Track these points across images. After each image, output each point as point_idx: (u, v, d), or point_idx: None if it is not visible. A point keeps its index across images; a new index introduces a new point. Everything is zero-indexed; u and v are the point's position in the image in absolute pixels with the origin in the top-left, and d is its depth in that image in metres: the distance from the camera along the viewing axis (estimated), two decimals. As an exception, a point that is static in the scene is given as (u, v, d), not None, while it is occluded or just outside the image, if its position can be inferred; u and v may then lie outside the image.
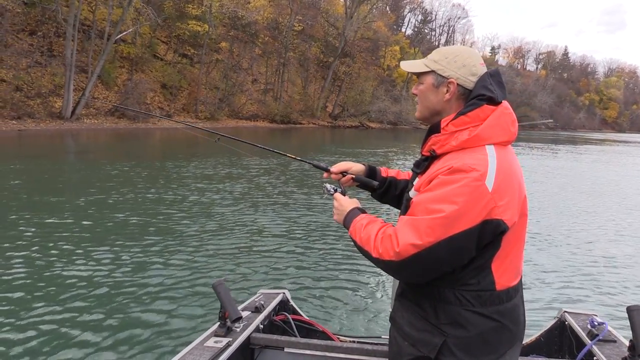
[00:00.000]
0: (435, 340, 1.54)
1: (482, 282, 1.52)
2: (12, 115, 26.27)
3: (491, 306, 1.53)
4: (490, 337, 1.54)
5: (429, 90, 1.67)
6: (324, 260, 6.60)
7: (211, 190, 11.40)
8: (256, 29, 45.66)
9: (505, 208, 1.46)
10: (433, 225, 1.43)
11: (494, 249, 1.51)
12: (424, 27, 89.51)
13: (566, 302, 5.52)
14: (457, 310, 1.53)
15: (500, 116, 1.58)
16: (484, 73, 1.64)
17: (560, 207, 12.04)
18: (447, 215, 1.41)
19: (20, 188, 10.46)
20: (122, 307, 4.77)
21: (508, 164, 1.52)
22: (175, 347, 3.98)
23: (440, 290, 1.54)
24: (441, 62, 1.65)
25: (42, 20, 31.59)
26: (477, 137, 1.53)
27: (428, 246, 1.43)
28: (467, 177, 1.43)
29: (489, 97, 1.57)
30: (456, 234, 1.42)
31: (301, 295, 5.29)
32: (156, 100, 37.80)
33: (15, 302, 4.78)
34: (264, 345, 2.46)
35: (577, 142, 52.41)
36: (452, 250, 1.44)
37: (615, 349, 2.36)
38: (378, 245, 1.53)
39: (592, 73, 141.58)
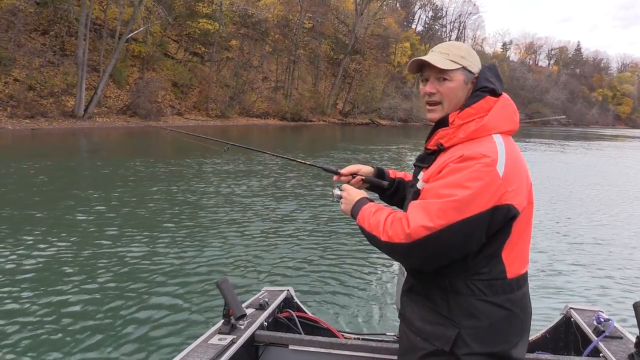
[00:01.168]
0: (449, 333, 1.53)
1: (493, 270, 1.53)
2: (26, 114, 26.52)
3: (503, 295, 1.54)
4: (502, 327, 1.54)
5: (459, 87, 1.65)
6: (328, 257, 6.60)
7: (216, 187, 11.44)
8: (266, 27, 45.67)
9: (515, 193, 1.48)
10: (445, 208, 1.43)
11: (505, 236, 1.52)
12: (435, 24, 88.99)
13: (572, 298, 5.48)
14: (469, 300, 1.52)
15: (503, 107, 1.62)
16: (484, 66, 1.69)
17: (567, 202, 11.95)
18: (460, 199, 1.43)
19: (42, 185, 10.57)
20: (126, 304, 4.78)
21: (515, 152, 1.56)
22: (179, 345, 3.99)
23: (452, 281, 1.55)
24: (468, 57, 1.66)
25: (54, 19, 31.82)
26: (484, 127, 1.56)
27: (439, 229, 1.43)
28: (479, 162, 1.46)
29: (491, 89, 1.62)
30: (468, 217, 1.43)
31: (305, 292, 5.28)
32: (167, 98, 37.97)
33: (16, 294, 4.83)
34: (269, 342, 2.46)
35: (589, 138, 51.90)
36: (463, 235, 1.45)
37: (621, 345, 2.34)
38: (388, 229, 1.52)
39: (605, 68, 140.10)
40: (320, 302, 5.08)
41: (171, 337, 4.19)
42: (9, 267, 5.64)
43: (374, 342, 2.44)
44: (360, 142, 28.99)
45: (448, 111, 1.66)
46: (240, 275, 5.72)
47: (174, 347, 3.99)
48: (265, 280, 5.59)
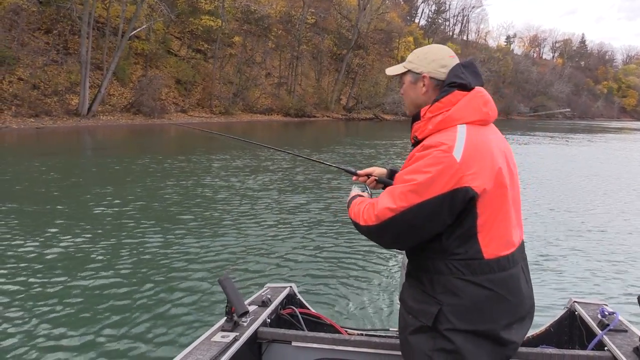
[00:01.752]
0: (432, 309, 1.65)
1: (469, 251, 1.62)
2: (30, 113, 26.61)
3: (481, 275, 1.62)
4: (486, 306, 1.62)
5: (409, 88, 1.88)
6: (330, 253, 6.59)
7: (219, 184, 11.47)
8: (269, 23, 45.62)
9: (474, 177, 1.58)
10: (405, 192, 1.60)
11: (472, 217, 1.61)
12: (438, 17, 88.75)
13: (576, 291, 5.46)
14: (449, 279, 1.63)
15: (471, 99, 1.71)
16: (456, 64, 1.79)
17: (570, 195, 11.93)
18: (419, 183, 1.57)
19: (56, 181, 10.62)
20: (127, 302, 4.79)
21: (481, 138, 1.65)
22: (182, 342, 3.99)
23: (434, 262, 1.67)
24: (414, 61, 1.86)
25: (57, 18, 31.88)
26: (449, 118, 1.68)
27: (401, 210, 1.60)
28: (436, 149, 1.60)
29: (460, 83, 1.73)
30: (427, 199, 1.57)
31: (308, 288, 5.28)
32: (171, 95, 38.01)
33: (16, 291, 4.86)
34: (272, 339, 2.45)
35: (594, 130, 51.71)
36: (425, 216, 1.59)
37: (626, 338, 2.33)
38: (364, 214, 1.73)
39: (610, 61, 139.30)
40: (323, 299, 5.08)
41: (174, 334, 4.20)
42: (29, 257, 5.79)
43: (377, 337, 2.43)
44: (365, 138, 28.96)
45: (410, 108, 1.90)
46: (242, 272, 5.72)
47: (177, 344, 4.00)
48: (267, 277, 5.59)
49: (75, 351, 3.89)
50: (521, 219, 1.81)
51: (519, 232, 1.77)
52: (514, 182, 1.74)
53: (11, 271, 5.49)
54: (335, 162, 2.37)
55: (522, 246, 1.79)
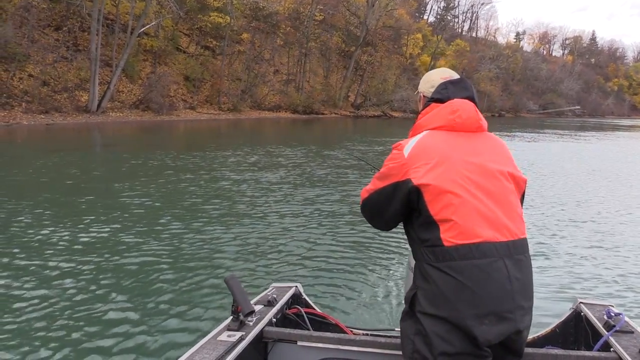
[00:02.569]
0: (410, 293, 1.84)
1: (431, 238, 1.76)
2: (40, 109, 26.81)
3: (443, 261, 1.72)
4: (450, 293, 1.69)
5: (418, 103, 2.25)
6: (336, 253, 6.56)
7: (226, 182, 11.51)
8: (277, 20, 45.61)
9: (416, 170, 1.82)
10: (374, 179, 2.00)
11: (423, 205, 1.79)
12: (447, 14, 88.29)
13: (582, 292, 5.41)
14: (422, 265, 1.79)
15: (441, 109, 1.97)
16: (441, 83, 2.07)
17: (578, 193, 11.85)
18: (381, 173, 1.95)
19: (77, 176, 10.71)
20: (133, 301, 4.78)
21: (435, 140, 1.90)
22: (188, 341, 3.98)
23: (414, 248, 1.87)
24: (420, 85, 2.22)
25: (67, 15, 32.08)
26: (418, 126, 2.03)
27: (371, 192, 2.00)
28: (394, 149, 1.95)
29: (437, 98, 2.02)
30: (384, 186, 1.92)
31: (314, 288, 5.26)
32: (179, 92, 38.16)
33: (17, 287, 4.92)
34: (277, 338, 2.46)
35: (604, 128, 51.32)
36: (383, 198, 1.93)
37: (632, 339, 2.32)
38: (361, 194, 2.10)
39: (621, 58, 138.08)
40: (329, 298, 5.07)
41: (180, 333, 4.20)
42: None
43: (382, 337, 2.43)
44: (373, 135, 28.93)
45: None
46: (248, 272, 5.71)
47: (183, 343, 3.99)
48: (273, 277, 5.58)
49: (80, 348, 3.91)
50: (516, 217, 1.83)
51: (504, 227, 1.77)
52: (490, 180, 1.83)
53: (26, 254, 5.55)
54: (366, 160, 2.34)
55: (512, 243, 1.77)
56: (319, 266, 6.03)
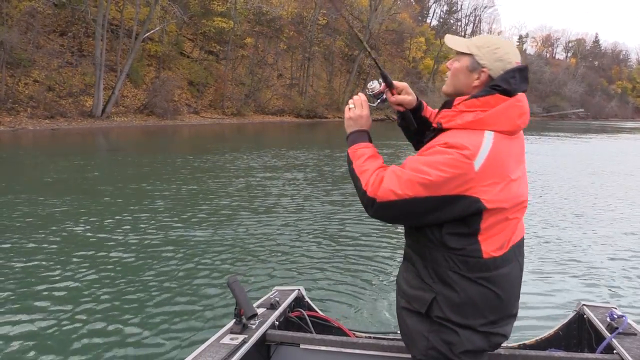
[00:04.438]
0: (426, 297, 1.67)
1: (467, 248, 1.61)
2: (45, 114, 26.96)
3: (478, 272, 1.62)
4: (479, 302, 1.63)
5: (462, 72, 1.75)
6: (338, 256, 6.57)
7: (229, 185, 11.55)
8: (281, 24, 45.75)
9: (487, 189, 1.56)
10: (414, 182, 1.56)
11: (476, 223, 1.60)
12: (450, 18, 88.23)
13: (584, 295, 5.39)
14: (446, 271, 1.63)
15: (509, 107, 1.64)
16: (514, 67, 1.69)
17: (580, 195, 11.82)
18: (431, 180, 1.54)
19: (96, 179, 10.79)
20: (137, 304, 4.80)
21: (505, 151, 1.61)
22: (190, 344, 3.99)
23: (431, 252, 1.67)
24: (482, 49, 1.71)
25: (72, 20, 32.28)
26: (480, 121, 1.62)
27: (405, 198, 1.57)
28: (458, 152, 1.54)
29: (504, 89, 1.64)
30: (432, 196, 1.56)
31: (316, 291, 5.27)
32: (183, 97, 38.26)
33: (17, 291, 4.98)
34: (280, 341, 2.46)
35: (608, 131, 51.08)
36: (425, 208, 1.59)
37: (635, 342, 2.33)
38: (370, 181, 1.66)
39: (624, 60, 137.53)
40: (331, 301, 5.07)
41: (182, 336, 4.21)
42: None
43: (385, 340, 2.45)
44: (377, 138, 28.29)
45: (449, 88, 1.80)
46: (251, 275, 5.73)
47: (186, 346, 4.00)
48: (276, 280, 5.59)
49: (82, 351, 3.93)
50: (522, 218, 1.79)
51: (521, 230, 1.77)
52: (524, 188, 1.73)
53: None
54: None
55: (521, 242, 1.77)
56: (322, 269, 6.03)
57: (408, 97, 2.02)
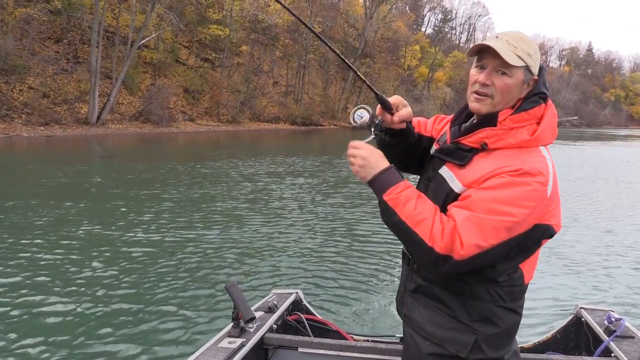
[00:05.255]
0: (466, 339, 1.49)
1: (513, 276, 1.50)
2: (40, 121, 26.88)
3: (519, 300, 1.54)
4: (513, 331, 1.56)
5: (517, 86, 1.50)
6: (336, 259, 6.61)
7: (226, 190, 11.57)
8: (276, 32, 45.87)
9: (554, 213, 1.46)
10: (500, 228, 1.36)
11: (533, 250, 1.51)
12: (444, 26, 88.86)
13: (582, 298, 5.41)
14: (489, 307, 1.49)
15: (552, 117, 1.52)
16: (542, 68, 1.54)
17: (576, 199, 11.87)
18: (514, 220, 1.36)
19: (97, 185, 10.76)
20: (134, 308, 4.80)
21: (555, 168, 1.49)
22: (188, 348, 3.99)
23: (474, 287, 1.48)
24: (534, 57, 1.50)
25: (68, 27, 32.25)
26: (536, 139, 1.46)
27: (489, 248, 1.36)
28: (535, 181, 1.38)
29: (546, 95, 1.52)
30: (515, 236, 1.38)
31: (314, 294, 5.29)
32: (179, 104, 38.24)
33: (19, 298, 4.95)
34: (278, 345, 2.47)
35: (602, 138, 51.46)
36: (504, 253, 1.40)
37: (633, 344, 2.34)
38: (435, 235, 1.38)
39: (617, 69, 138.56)
40: (329, 305, 5.09)
41: (180, 340, 4.21)
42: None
43: (383, 343, 2.46)
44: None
45: (497, 108, 1.51)
46: (249, 279, 5.75)
47: (184, 350, 4.00)
48: (273, 283, 5.61)
49: (78, 353, 3.93)
50: None
51: None
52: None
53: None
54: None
55: None
56: (320, 272, 6.05)
57: (408, 109, 1.71)
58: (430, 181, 1.62)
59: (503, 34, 1.51)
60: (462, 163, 1.51)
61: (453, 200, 1.49)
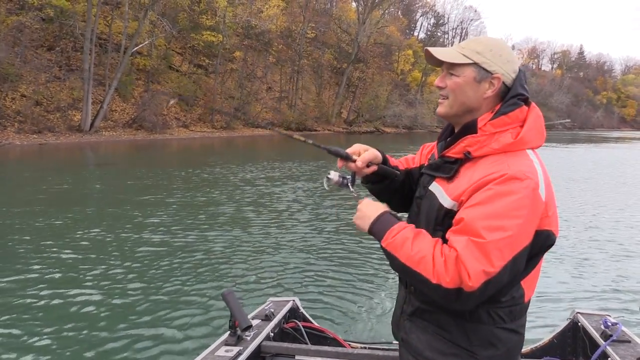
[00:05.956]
0: None
1: (515, 295, 1.45)
2: (33, 129, 26.75)
3: (519, 319, 1.50)
4: (514, 352, 1.51)
5: (468, 85, 1.49)
6: (333, 266, 6.59)
7: (221, 197, 11.54)
8: (269, 38, 45.95)
9: (552, 219, 1.42)
10: (502, 247, 1.30)
11: (535, 262, 1.46)
12: (437, 31, 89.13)
13: (578, 303, 5.43)
14: (490, 329, 1.45)
15: (536, 119, 1.48)
16: (520, 70, 1.53)
17: (572, 202, 11.89)
18: (514, 234, 1.31)
19: (101, 191, 10.71)
20: (130, 317, 4.78)
21: (546, 171, 1.45)
22: (185, 357, 3.98)
23: (473, 310, 1.42)
24: (485, 54, 1.48)
25: (60, 35, 32.16)
26: (520, 141, 1.43)
27: (498, 271, 1.30)
28: (524, 186, 1.33)
29: (526, 97, 1.49)
30: (520, 251, 1.33)
31: (311, 302, 5.27)
32: (173, 111, 38.15)
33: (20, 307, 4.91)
34: (275, 353, 2.47)
35: (594, 140, 51.78)
36: (514, 271, 1.35)
37: (629, 349, 2.35)
38: (442, 271, 1.33)
39: (609, 71, 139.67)
40: (326, 312, 5.08)
41: (177, 349, 4.19)
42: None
43: (380, 350, 2.46)
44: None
45: (454, 109, 1.53)
46: (245, 287, 5.73)
47: (180, 359, 3.99)
48: (270, 291, 5.59)
49: None
50: None
51: None
52: None
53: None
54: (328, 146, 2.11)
55: None
56: (316, 280, 6.04)
57: (371, 151, 1.75)
58: (422, 199, 1.60)
59: (465, 40, 1.58)
60: (449, 176, 1.49)
61: (445, 216, 1.46)
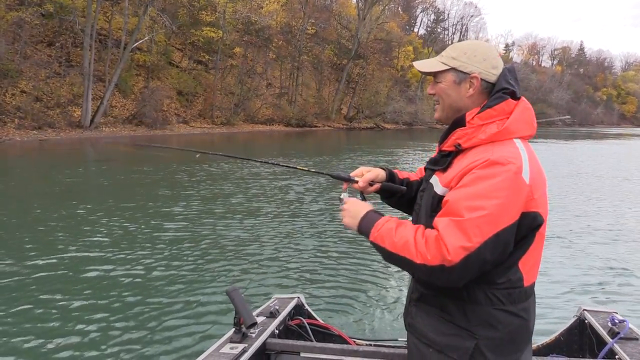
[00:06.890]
0: (467, 344, 1.51)
1: (512, 278, 1.51)
2: (33, 125, 26.71)
3: (519, 303, 1.53)
4: (517, 336, 1.54)
5: (451, 88, 1.64)
6: (337, 263, 6.57)
7: (226, 193, 11.53)
8: (270, 34, 45.84)
9: (540, 201, 1.48)
10: (480, 224, 1.38)
11: (527, 244, 1.51)
12: (437, 27, 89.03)
13: (585, 299, 5.38)
14: (487, 310, 1.50)
15: (524, 110, 1.58)
16: (504, 68, 1.63)
17: (579, 198, 11.87)
18: (492, 212, 1.38)
19: (109, 186, 10.72)
20: (134, 314, 4.78)
21: (536, 158, 1.53)
22: (190, 354, 3.98)
23: (470, 291, 1.50)
24: (460, 58, 1.63)
25: (60, 31, 32.10)
26: (506, 131, 1.52)
27: (477, 246, 1.37)
28: (505, 170, 1.42)
29: (512, 91, 1.58)
30: (502, 229, 1.39)
31: (316, 299, 5.25)
32: (172, 107, 38.12)
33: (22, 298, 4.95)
34: (280, 350, 2.46)
35: (594, 137, 51.70)
36: (497, 248, 1.41)
37: (637, 346, 2.33)
38: (423, 250, 1.43)
39: (609, 68, 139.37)
40: (331, 309, 5.06)
41: (182, 346, 4.19)
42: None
43: (386, 347, 2.46)
44: (366, 147, 28.94)
45: (446, 111, 1.68)
46: (250, 284, 5.72)
47: (185, 356, 3.99)
48: (275, 288, 5.58)
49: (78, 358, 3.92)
50: None
51: None
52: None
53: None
54: (328, 169, 2.14)
55: None
56: (321, 277, 6.02)
57: (373, 171, 1.92)
58: (423, 192, 1.72)
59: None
60: (444, 167, 1.63)
61: (438, 202, 1.57)
